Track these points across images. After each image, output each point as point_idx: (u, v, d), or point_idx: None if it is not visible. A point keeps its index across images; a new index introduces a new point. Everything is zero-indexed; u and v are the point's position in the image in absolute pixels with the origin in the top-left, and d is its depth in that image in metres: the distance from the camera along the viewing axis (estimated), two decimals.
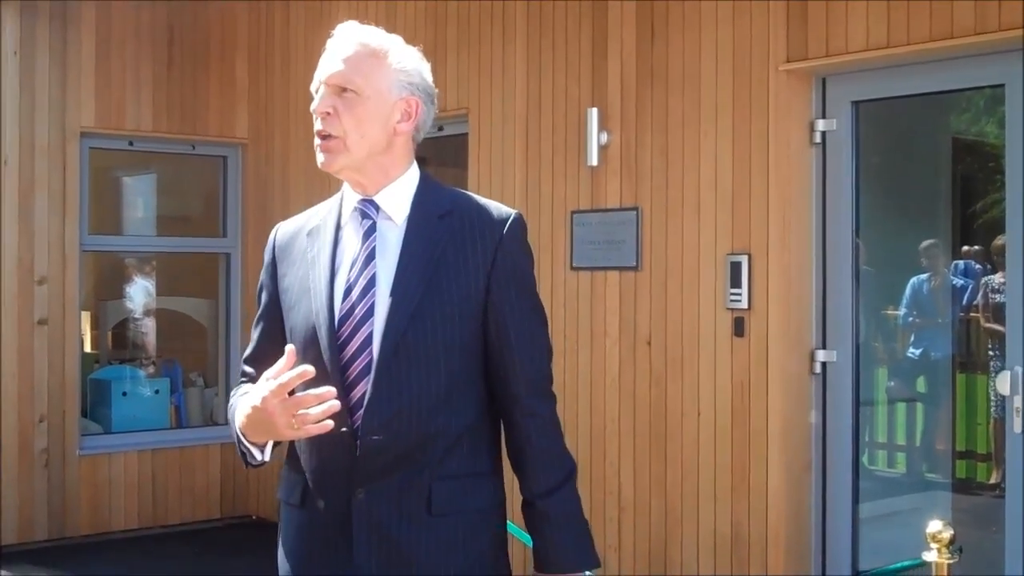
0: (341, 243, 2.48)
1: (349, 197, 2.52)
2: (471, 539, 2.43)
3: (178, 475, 7.84)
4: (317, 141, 2.45)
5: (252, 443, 2.38)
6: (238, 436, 2.41)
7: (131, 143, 7.84)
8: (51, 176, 7.32)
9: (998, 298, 5.19)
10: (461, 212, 2.49)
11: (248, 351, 2.64)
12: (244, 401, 2.36)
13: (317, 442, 2.35)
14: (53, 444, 7.31)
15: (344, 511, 2.38)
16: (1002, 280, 4.90)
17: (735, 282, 5.17)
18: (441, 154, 7.13)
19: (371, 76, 2.43)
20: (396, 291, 2.38)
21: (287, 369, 2.22)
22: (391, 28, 2.56)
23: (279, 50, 7.89)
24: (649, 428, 5.55)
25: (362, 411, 2.35)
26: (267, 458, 2.41)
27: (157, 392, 8.17)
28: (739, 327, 5.17)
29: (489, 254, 2.45)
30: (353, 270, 2.43)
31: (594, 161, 5.71)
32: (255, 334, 2.62)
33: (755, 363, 5.12)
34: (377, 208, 2.47)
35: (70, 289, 7.38)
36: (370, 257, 2.43)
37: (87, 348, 8.48)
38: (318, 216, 2.56)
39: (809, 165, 5.12)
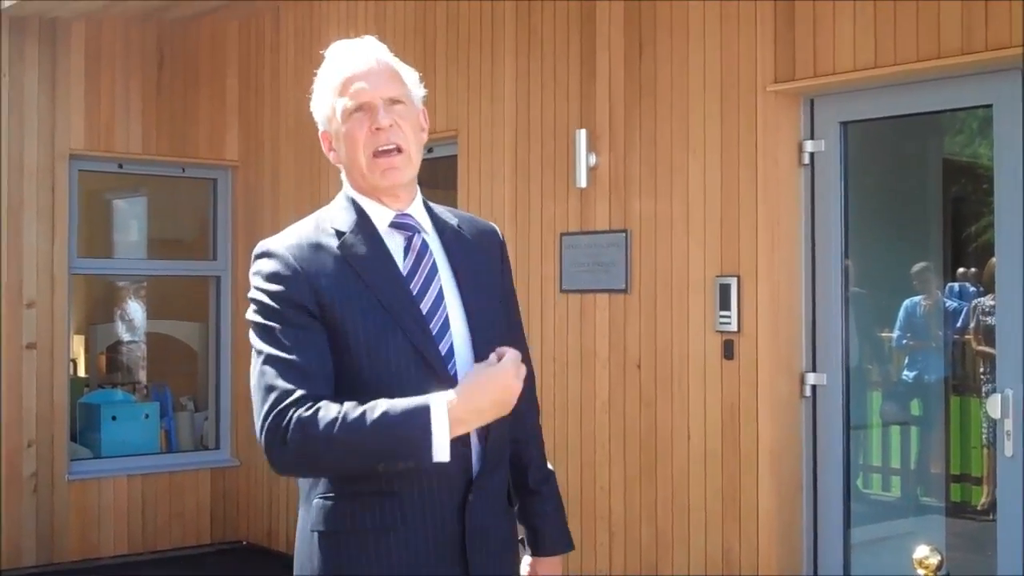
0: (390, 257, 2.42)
1: (376, 212, 2.43)
2: (515, 524, 2.63)
3: (168, 500, 7.79)
4: (381, 158, 2.38)
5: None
6: (426, 431, 2.20)
7: (120, 165, 7.83)
8: (40, 198, 7.30)
9: (989, 320, 5.16)
10: (464, 224, 2.57)
11: (299, 367, 2.27)
12: (483, 381, 2.28)
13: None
14: (42, 469, 7.27)
15: (453, 520, 2.36)
16: (992, 302, 4.86)
17: (724, 304, 5.13)
18: (431, 176, 7.11)
19: (406, 88, 2.47)
20: (470, 303, 2.45)
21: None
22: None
23: (269, 72, 7.87)
24: (639, 452, 5.50)
25: None
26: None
27: (147, 416, 8.12)
28: (728, 350, 5.13)
29: (496, 266, 2.58)
30: (416, 283, 2.40)
31: (583, 183, 5.67)
32: (304, 350, 2.28)
33: (745, 386, 5.08)
34: (416, 222, 2.47)
35: (59, 313, 7.34)
36: (433, 271, 2.43)
37: (78, 372, 8.44)
38: (328, 232, 2.39)
39: (798, 186, 5.08)
